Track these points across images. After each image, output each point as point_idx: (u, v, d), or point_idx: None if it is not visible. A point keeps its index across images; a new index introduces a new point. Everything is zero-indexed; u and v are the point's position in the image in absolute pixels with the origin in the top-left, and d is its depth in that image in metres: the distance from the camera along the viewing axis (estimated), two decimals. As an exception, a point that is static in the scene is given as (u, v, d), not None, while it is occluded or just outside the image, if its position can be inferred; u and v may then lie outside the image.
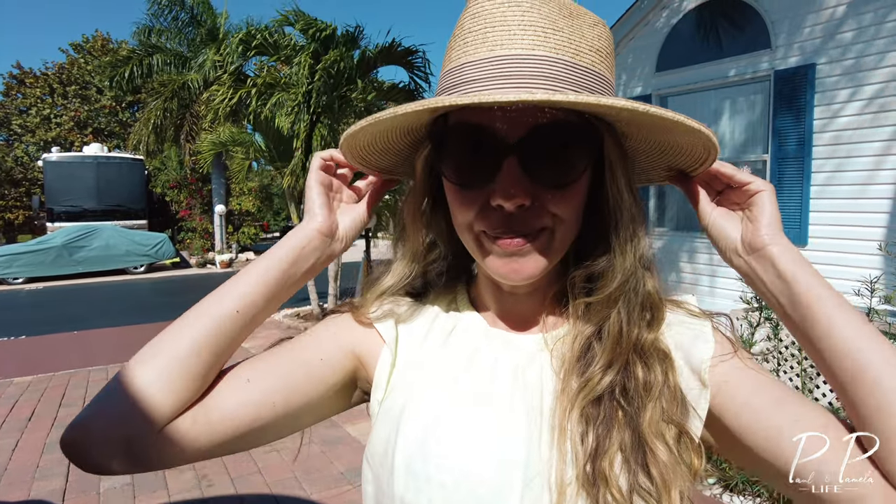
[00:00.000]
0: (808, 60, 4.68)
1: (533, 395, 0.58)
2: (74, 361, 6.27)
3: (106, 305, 10.22)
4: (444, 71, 0.57)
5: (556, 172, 0.53)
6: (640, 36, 5.97)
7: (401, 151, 0.65)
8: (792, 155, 4.79)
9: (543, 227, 0.55)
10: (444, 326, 0.67)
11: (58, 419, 4.47)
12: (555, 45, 0.52)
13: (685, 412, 0.56)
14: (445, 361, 0.63)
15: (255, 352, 2.91)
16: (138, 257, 14.13)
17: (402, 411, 0.60)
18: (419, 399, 0.61)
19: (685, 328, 0.61)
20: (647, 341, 0.57)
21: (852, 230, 4.47)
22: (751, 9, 5.03)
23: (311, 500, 3.14)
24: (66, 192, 15.11)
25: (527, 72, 0.50)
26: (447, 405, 0.60)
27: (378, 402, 0.64)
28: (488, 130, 0.52)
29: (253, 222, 17.95)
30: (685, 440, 0.55)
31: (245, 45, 6.74)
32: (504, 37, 0.52)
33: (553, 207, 0.54)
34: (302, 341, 0.66)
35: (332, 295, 8.23)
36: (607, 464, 0.52)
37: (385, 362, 0.65)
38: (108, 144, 21.74)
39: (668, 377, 0.57)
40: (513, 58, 0.51)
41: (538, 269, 0.56)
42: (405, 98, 7.84)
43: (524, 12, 0.52)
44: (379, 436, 0.61)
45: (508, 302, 0.64)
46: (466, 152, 0.54)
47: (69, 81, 23.61)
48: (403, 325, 0.67)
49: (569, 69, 0.52)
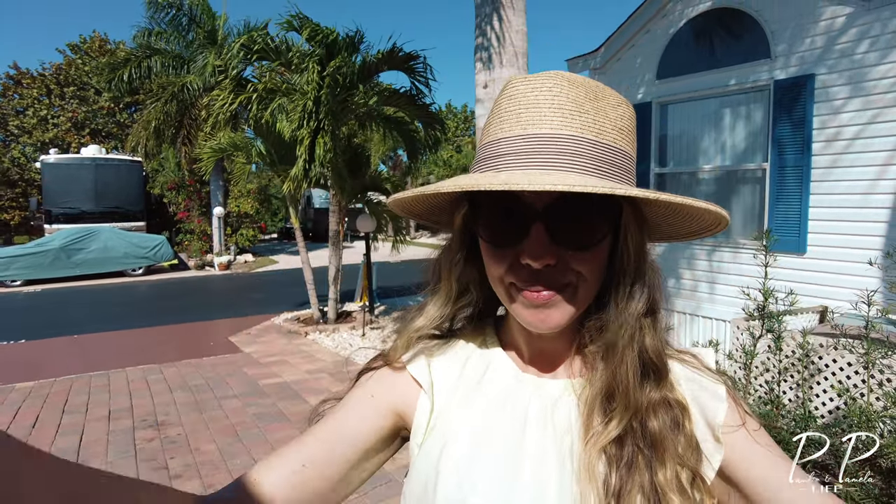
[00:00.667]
0: (808, 70, 4.72)
1: (563, 439, 0.62)
2: (75, 366, 6.28)
3: (105, 308, 10.21)
4: (483, 143, 0.64)
5: (578, 236, 0.58)
6: (642, 43, 6.01)
7: (441, 206, 0.71)
8: (791, 164, 4.83)
9: (568, 282, 0.59)
10: (476, 368, 0.70)
11: (61, 427, 4.48)
12: (580, 125, 0.58)
13: (699, 458, 0.61)
14: (480, 404, 0.67)
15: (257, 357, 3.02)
16: (137, 259, 14.12)
17: (440, 453, 0.64)
18: (455, 441, 0.64)
19: (698, 385, 0.65)
20: (652, 397, 0.61)
21: (851, 239, 4.50)
22: (751, 19, 5.07)
23: (317, 509, 3.16)
24: (64, 194, 15.09)
25: (554, 148, 0.57)
26: (483, 448, 0.63)
27: (418, 445, 0.67)
28: (518, 199, 0.59)
29: (251, 224, 17.93)
30: (698, 482, 0.60)
31: (247, 50, 6.75)
32: (535, 117, 0.58)
33: (576, 266, 0.59)
34: (344, 415, 0.69)
35: (333, 298, 8.25)
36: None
37: (424, 409, 0.68)
38: (106, 146, 21.68)
39: (685, 426, 0.61)
40: (542, 136, 0.57)
41: (563, 320, 0.60)
42: (406, 103, 7.87)
43: (554, 96, 0.58)
44: (419, 476, 0.65)
45: (537, 343, 0.68)
46: (499, 217, 0.60)
47: (66, 82, 23.54)
48: (437, 368, 0.71)
49: (592, 146, 0.57)
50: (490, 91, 4.14)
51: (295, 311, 9.20)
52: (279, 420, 4.53)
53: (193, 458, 3.85)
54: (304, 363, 6.27)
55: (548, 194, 0.57)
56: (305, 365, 6.19)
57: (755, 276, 3.39)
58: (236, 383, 5.55)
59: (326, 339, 7.47)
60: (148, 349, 7.12)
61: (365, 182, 8.58)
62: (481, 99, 4.20)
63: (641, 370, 0.61)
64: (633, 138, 0.63)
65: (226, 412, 4.73)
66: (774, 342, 3.29)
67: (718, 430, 0.62)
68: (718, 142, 5.50)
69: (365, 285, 8.95)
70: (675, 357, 0.67)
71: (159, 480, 3.46)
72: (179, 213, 17.13)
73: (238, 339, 7.48)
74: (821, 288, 4.60)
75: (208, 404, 4.94)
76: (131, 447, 4.05)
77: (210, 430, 4.33)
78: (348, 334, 7.66)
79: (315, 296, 8.26)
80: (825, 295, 4.50)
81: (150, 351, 7.00)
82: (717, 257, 5.43)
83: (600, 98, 0.60)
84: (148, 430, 4.38)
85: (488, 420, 0.65)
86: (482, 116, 4.22)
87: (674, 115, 5.85)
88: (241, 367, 6.15)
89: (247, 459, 3.80)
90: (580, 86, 0.59)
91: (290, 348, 6.97)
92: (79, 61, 23.84)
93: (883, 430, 2.81)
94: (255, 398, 5.09)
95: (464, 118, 33.68)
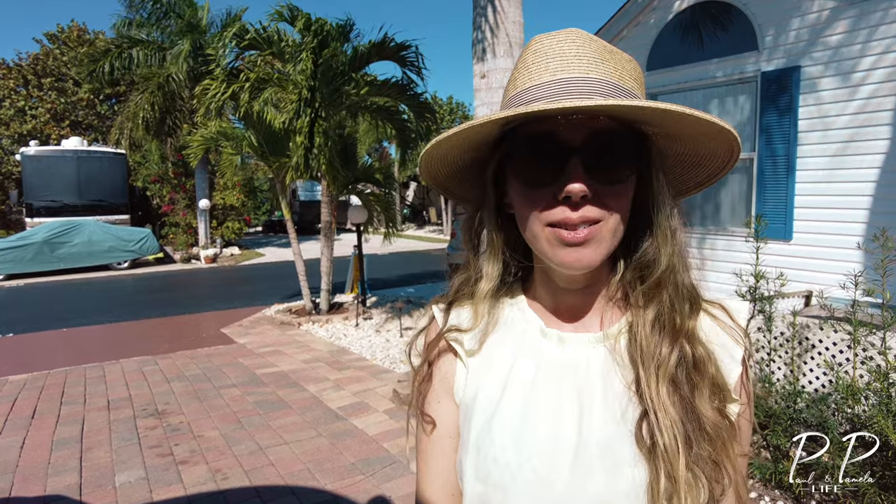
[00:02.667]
0: (794, 62, 4.86)
1: (583, 380, 0.68)
2: (67, 359, 6.24)
3: (91, 302, 10.11)
4: (510, 96, 0.68)
5: (611, 170, 0.63)
6: (632, 35, 6.12)
7: (465, 170, 0.76)
8: (778, 153, 4.98)
9: (600, 218, 0.64)
10: (506, 325, 0.77)
11: (61, 417, 4.48)
12: (604, 71, 0.64)
13: (724, 399, 0.65)
14: (507, 358, 0.74)
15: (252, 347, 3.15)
16: (122, 253, 13.96)
17: (473, 401, 0.73)
18: (485, 391, 0.72)
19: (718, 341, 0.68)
20: (690, 327, 0.67)
21: (836, 226, 4.67)
22: (738, 11, 5.20)
23: (326, 490, 3.23)
24: (46, 187, 14.83)
25: (585, 88, 0.62)
26: (509, 394, 0.71)
27: (459, 398, 0.76)
28: (554, 136, 0.63)
29: (237, 217, 17.78)
30: (727, 422, 0.65)
31: (238, 39, 6.73)
32: (563, 65, 0.64)
33: (608, 200, 0.64)
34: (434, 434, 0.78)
35: (325, 290, 8.27)
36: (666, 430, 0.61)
37: (461, 375, 0.77)
38: (87, 138, 21.30)
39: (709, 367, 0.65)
40: (572, 79, 0.63)
41: (597, 258, 0.65)
42: (398, 93, 7.89)
43: (578, 47, 0.64)
44: (463, 422, 0.74)
45: (563, 298, 0.73)
46: (536, 156, 0.64)
47: (44, 73, 23.01)
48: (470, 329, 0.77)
49: (617, 89, 0.64)
50: (488, 81, 4.21)
51: (286, 303, 9.20)
52: (280, 408, 4.58)
53: (198, 444, 3.89)
54: (300, 353, 6.31)
55: (582, 130, 0.62)
56: (301, 354, 6.23)
57: (745, 263, 3.52)
58: (234, 373, 5.57)
59: (320, 329, 7.50)
60: (140, 342, 7.09)
61: (356, 173, 8.60)
62: (479, 89, 4.27)
63: (681, 300, 0.67)
64: (643, 91, 0.70)
65: (226, 401, 4.77)
66: (766, 323, 3.42)
67: (729, 388, 0.65)
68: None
69: (356, 276, 8.99)
70: (702, 307, 0.70)
71: (166, 466, 3.52)
72: (164, 206, 16.92)
73: (231, 331, 7.48)
74: (806, 273, 4.77)
75: (208, 393, 4.97)
76: (134, 435, 4.08)
77: (212, 418, 4.37)
78: (342, 325, 7.70)
79: (307, 287, 8.28)
80: (810, 280, 4.67)
81: (142, 343, 6.98)
82: (707, 245, 5.58)
83: (615, 53, 0.67)
84: (149, 418, 4.40)
85: (514, 370, 0.72)
86: (481, 106, 4.29)
87: (663, 107, 5.96)
88: (236, 357, 6.17)
89: (251, 445, 3.85)
90: (597, 41, 0.66)
91: (284, 339, 6.99)
92: (57, 51, 23.31)
93: (866, 405, 2.97)
94: (254, 387, 5.12)
95: (449, 110, 33.64)
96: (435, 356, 0.78)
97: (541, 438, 0.66)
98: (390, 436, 3.95)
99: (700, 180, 0.74)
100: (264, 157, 7.71)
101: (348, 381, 5.26)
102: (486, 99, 4.25)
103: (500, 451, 0.67)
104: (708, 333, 0.68)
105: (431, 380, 0.78)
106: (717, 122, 0.61)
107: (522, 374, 0.71)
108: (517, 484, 0.66)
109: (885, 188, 4.47)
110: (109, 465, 3.59)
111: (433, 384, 0.78)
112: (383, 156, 26.56)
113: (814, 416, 3.03)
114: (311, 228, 21.12)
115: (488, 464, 0.68)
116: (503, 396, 0.70)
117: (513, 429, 0.68)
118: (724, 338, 0.68)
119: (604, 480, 0.63)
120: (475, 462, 0.69)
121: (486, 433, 0.69)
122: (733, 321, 0.69)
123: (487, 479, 0.68)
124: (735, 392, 0.66)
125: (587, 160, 0.62)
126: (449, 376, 0.77)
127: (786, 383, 3.47)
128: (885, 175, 4.47)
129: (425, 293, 10.22)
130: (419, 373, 0.79)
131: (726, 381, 0.66)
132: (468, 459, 0.70)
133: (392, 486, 3.24)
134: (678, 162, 0.72)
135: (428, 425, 0.77)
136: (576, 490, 0.63)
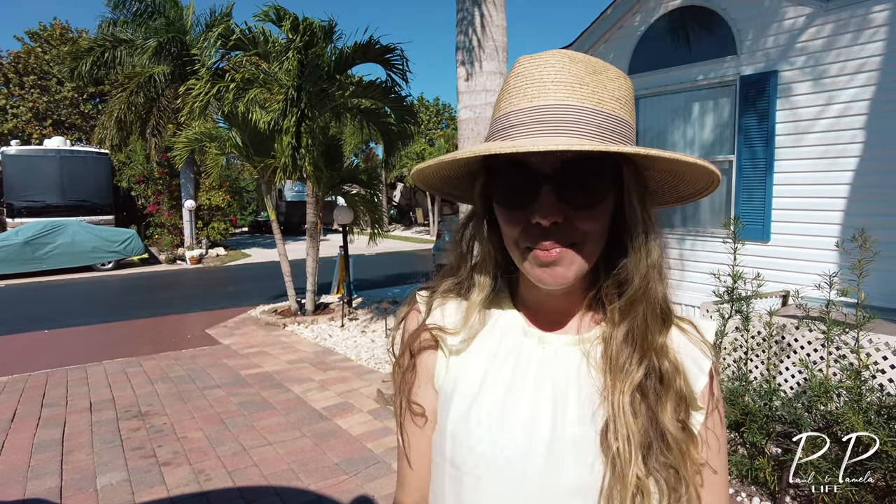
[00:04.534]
0: (772, 67, 4.95)
1: (559, 378, 0.72)
2: (49, 361, 6.19)
3: (74, 304, 10.00)
4: (494, 118, 0.72)
5: (583, 196, 0.66)
6: (615, 39, 6.19)
7: (459, 179, 0.80)
8: (757, 156, 5.07)
9: (574, 241, 0.67)
10: (488, 322, 0.79)
11: (42, 419, 4.45)
12: (580, 96, 0.65)
13: (689, 411, 0.69)
14: (489, 352, 0.77)
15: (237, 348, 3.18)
16: (106, 254, 13.82)
17: (452, 390, 0.76)
18: (466, 379, 0.75)
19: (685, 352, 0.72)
20: (659, 343, 0.70)
21: (813, 227, 4.77)
22: (718, 17, 5.29)
23: (309, 490, 3.25)
24: (27, 187, 14.64)
25: (557, 117, 0.64)
26: (488, 386, 0.74)
27: (439, 386, 0.79)
28: (528, 165, 0.67)
29: (223, 217, 17.66)
30: (689, 430, 0.68)
31: (224, 40, 6.71)
32: (541, 90, 0.66)
33: (581, 224, 0.67)
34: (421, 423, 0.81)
35: (310, 290, 8.26)
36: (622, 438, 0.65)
37: (442, 364, 0.80)
38: (70, 137, 21.04)
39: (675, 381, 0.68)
40: (546, 107, 0.65)
41: (570, 275, 0.68)
42: (382, 95, 7.91)
43: (556, 71, 0.66)
44: (441, 410, 0.77)
45: (546, 301, 0.76)
46: (511, 182, 0.68)
47: (26, 71, 22.70)
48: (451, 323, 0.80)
49: (592, 114, 0.65)
50: (471, 84, 4.24)
51: (271, 304, 9.17)
52: (265, 408, 4.58)
53: (181, 445, 3.88)
54: (285, 354, 6.30)
55: (554, 159, 0.65)
56: (286, 355, 6.23)
57: (723, 263, 3.58)
58: (218, 374, 5.56)
59: (305, 330, 7.50)
60: (123, 343, 7.04)
61: (342, 174, 8.60)
62: (463, 92, 4.30)
63: (654, 315, 0.69)
64: (630, 107, 0.70)
65: (210, 401, 4.76)
66: (742, 322, 3.49)
67: (695, 397, 0.69)
68: (688, 135, 5.73)
69: (342, 277, 8.98)
70: (674, 322, 0.73)
71: (148, 468, 3.52)
72: (149, 207, 16.77)
73: (215, 332, 7.45)
74: (783, 273, 4.86)
75: (191, 394, 4.95)
76: (117, 437, 4.06)
77: (196, 419, 4.36)
78: (327, 325, 7.70)
79: (293, 288, 8.26)
80: (788, 280, 4.75)
81: (125, 344, 6.93)
82: (686, 245, 5.66)
83: (599, 72, 0.67)
84: (132, 420, 4.38)
85: (495, 364, 0.75)
86: (464, 109, 4.32)
87: (645, 109, 6.05)
88: (221, 358, 6.15)
89: (235, 446, 3.85)
90: (580, 62, 0.67)
91: (269, 340, 6.98)
92: (39, 49, 23.01)
93: (838, 402, 3.04)
94: (239, 388, 5.12)
95: (436, 111, 33.66)
96: (418, 347, 0.80)
97: (517, 432, 0.69)
98: (374, 436, 3.97)
99: (683, 196, 0.76)
100: (249, 158, 7.68)
101: (333, 381, 5.27)
102: (469, 102, 4.28)
103: (475, 442, 0.70)
104: (678, 346, 0.72)
105: (415, 368, 0.80)
106: (684, 159, 0.63)
107: (502, 369, 0.74)
108: (491, 472, 0.69)
109: (860, 190, 4.57)
110: (91, 468, 3.57)
111: (416, 372, 0.80)
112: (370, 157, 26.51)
113: (789, 414, 3.10)
114: (297, 229, 21.03)
115: (464, 452, 0.71)
116: (482, 388, 0.73)
117: (490, 421, 0.71)
118: (693, 350, 0.72)
119: (575, 473, 0.66)
120: (451, 449, 0.73)
121: (464, 424, 0.72)
122: (701, 336, 0.74)
123: (462, 466, 0.71)
124: (701, 401, 0.70)
125: (558, 187, 0.65)
126: (430, 364, 0.80)
127: (762, 381, 3.54)
128: (860, 177, 4.57)
129: (412, 294, 10.22)
130: (402, 363, 0.81)
131: (693, 390, 0.69)
132: (444, 445, 0.74)
133: (376, 486, 3.26)
134: (659, 184, 0.74)
135: (417, 416, 0.80)
136: (549, 478, 0.67)
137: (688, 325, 0.75)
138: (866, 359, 3.02)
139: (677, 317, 0.74)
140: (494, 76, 4.25)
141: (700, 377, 0.71)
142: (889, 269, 3.84)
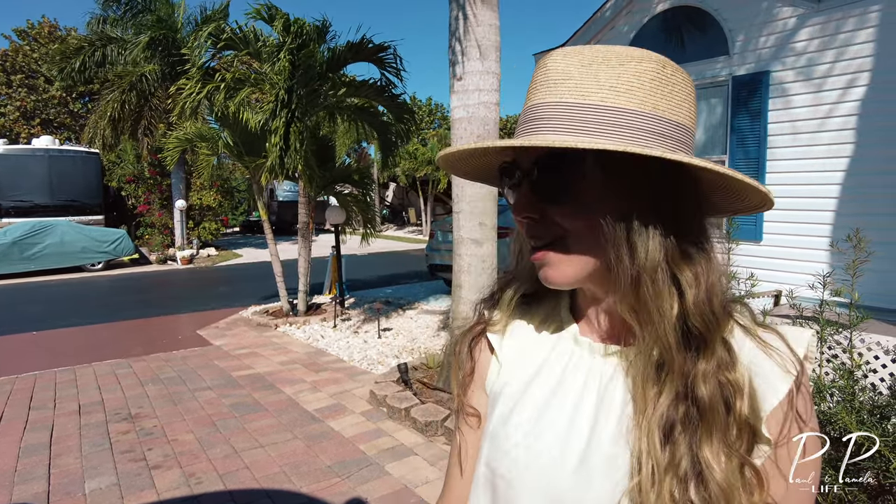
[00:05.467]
0: (764, 67, 4.97)
1: (604, 391, 0.68)
2: (38, 363, 6.11)
3: (64, 304, 9.89)
4: None
5: (554, 191, 0.65)
6: (607, 40, 6.19)
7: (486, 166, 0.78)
8: (750, 156, 5.09)
9: (554, 237, 0.65)
10: (544, 330, 0.78)
11: (29, 422, 4.39)
12: (562, 91, 0.63)
13: (750, 446, 0.59)
14: (539, 359, 0.76)
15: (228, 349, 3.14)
16: (96, 254, 13.69)
17: (500, 393, 0.76)
18: (512, 386, 0.75)
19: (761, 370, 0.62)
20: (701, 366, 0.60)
21: (805, 227, 4.79)
22: (710, 17, 5.30)
23: (302, 492, 3.21)
24: (15, 187, 14.49)
25: (536, 116, 0.65)
26: (532, 391, 0.73)
27: (490, 388, 0.80)
28: (516, 162, 0.68)
29: (214, 217, 17.53)
30: (748, 470, 0.58)
31: (214, 40, 6.65)
32: (533, 91, 0.67)
33: (559, 220, 0.65)
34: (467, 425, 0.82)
35: (302, 291, 8.21)
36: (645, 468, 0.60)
37: (494, 368, 0.80)
38: (59, 136, 20.85)
39: (735, 406, 0.59)
40: (534, 106, 0.66)
41: (562, 276, 0.66)
42: (376, 94, 7.87)
43: (546, 71, 0.66)
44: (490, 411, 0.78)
45: (598, 307, 0.72)
46: (507, 182, 0.70)
47: (14, 69, 22.46)
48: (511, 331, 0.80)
49: (570, 109, 0.62)
50: (465, 84, 4.22)
51: (263, 305, 9.11)
52: (256, 410, 4.54)
53: (172, 448, 3.84)
54: (277, 355, 6.26)
55: (531, 157, 0.65)
56: (278, 356, 6.18)
57: (717, 262, 3.58)
58: (209, 375, 5.51)
59: (297, 331, 7.45)
60: (113, 344, 6.97)
61: (334, 173, 8.55)
62: (456, 91, 4.27)
63: (683, 331, 0.60)
64: (636, 93, 0.62)
65: (201, 403, 4.71)
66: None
67: (762, 423, 0.59)
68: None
69: (335, 277, 8.94)
70: (753, 334, 0.64)
71: (138, 471, 3.47)
72: (140, 207, 16.62)
73: (207, 333, 7.39)
74: (776, 273, 4.87)
75: (182, 396, 4.90)
76: (106, 440, 4.01)
77: (186, 421, 4.31)
78: (319, 326, 7.66)
79: (284, 288, 8.21)
80: (780, 280, 4.77)
81: (116, 346, 6.86)
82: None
83: (595, 63, 0.63)
84: (122, 422, 4.33)
85: (543, 371, 0.74)
86: (458, 108, 4.29)
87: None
88: (212, 359, 6.09)
89: (226, 448, 3.81)
90: (574, 55, 0.64)
91: (260, 340, 6.93)
92: (27, 48, 22.78)
93: (831, 402, 3.05)
94: (230, 389, 5.07)
95: (428, 111, 33.63)
96: (478, 352, 0.82)
97: (552, 441, 0.67)
98: (367, 437, 3.94)
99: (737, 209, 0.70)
100: (240, 158, 7.62)
101: (325, 382, 5.24)
102: (462, 101, 4.26)
103: (511, 447, 0.70)
104: (751, 361, 0.62)
105: (473, 373, 0.82)
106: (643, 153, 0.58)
107: (549, 376, 0.73)
108: (523, 479, 0.68)
109: (852, 190, 4.59)
110: (79, 472, 3.52)
111: (473, 375, 0.82)
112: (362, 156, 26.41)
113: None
114: (289, 229, 20.91)
115: (500, 455, 0.71)
116: (526, 392, 0.73)
117: (528, 427, 0.70)
118: (769, 367, 0.62)
119: (607, 487, 0.63)
120: (489, 450, 0.73)
121: (503, 426, 0.72)
122: (789, 348, 0.63)
123: (497, 468, 0.71)
124: (767, 429, 0.60)
125: (534, 181, 0.65)
126: (483, 368, 0.81)
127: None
128: (852, 178, 4.59)
129: (404, 294, 10.20)
130: (462, 368, 0.83)
131: (759, 416, 0.59)
132: (485, 444, 0.75)
133: (368, 488, 3.24)
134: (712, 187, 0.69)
135: (472, 417, 0.80)
136: (581, 488, 0.64)
137: (772, 335, 0.64)
138: (859, 359, 3.03)
139: (762, 326, 0.65)
140: (487, 75, 4.23)
141: (769, 399, 0.60)
142: (881, 269, 3.85)
